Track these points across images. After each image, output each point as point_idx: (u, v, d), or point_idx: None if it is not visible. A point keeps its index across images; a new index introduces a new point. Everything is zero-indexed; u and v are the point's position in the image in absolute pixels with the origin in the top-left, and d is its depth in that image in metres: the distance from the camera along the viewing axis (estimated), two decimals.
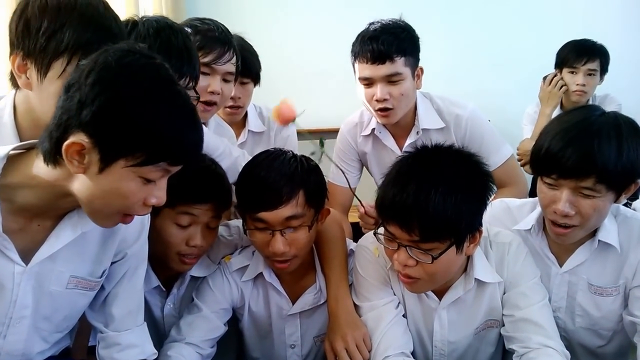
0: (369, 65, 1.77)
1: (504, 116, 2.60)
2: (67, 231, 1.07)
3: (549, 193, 1.30)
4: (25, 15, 1.07)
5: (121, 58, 0.92)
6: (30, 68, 1.08)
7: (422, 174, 1.19)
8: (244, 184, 1.41)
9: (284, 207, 1.33)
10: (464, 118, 1.89)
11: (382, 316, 1.37)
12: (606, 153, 1.20)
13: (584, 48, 2.61)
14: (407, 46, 1.78)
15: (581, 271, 1.41)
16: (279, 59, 2.37)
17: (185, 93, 0.98)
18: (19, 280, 1.06)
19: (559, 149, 1.24)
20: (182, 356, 1.38)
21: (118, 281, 1.24)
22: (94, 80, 0.89)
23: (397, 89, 1.79)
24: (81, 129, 0.90)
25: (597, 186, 1.23)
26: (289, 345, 1.55)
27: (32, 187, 0.99)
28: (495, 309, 1.38)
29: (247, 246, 1.55)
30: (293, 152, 1.45)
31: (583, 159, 1.21)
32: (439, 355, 1.42)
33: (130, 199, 0.97)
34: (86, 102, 0.89)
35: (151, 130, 0.91)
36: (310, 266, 1.51)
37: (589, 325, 1.44)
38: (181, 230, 1.38)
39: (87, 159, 0.92)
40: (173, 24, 1.34)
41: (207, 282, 1.51)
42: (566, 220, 1.29)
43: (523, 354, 1.28)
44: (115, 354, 1.25)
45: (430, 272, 1.23)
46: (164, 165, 0.95)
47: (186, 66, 1.30)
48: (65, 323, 1.22)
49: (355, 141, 2.05)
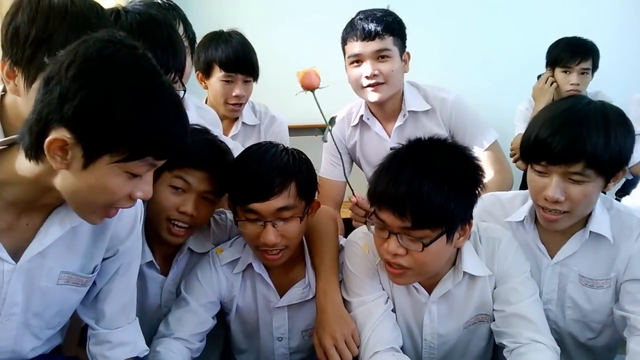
0: (359, 42, 1.84)
1: (494, 113, 2.60)
2: (56, 227, 1.05)
3: (539, 180, 1.31)
4: (15, 22, 1.04)
5: (102, 49, 0.88)
6: (18, 75, 1.05)
7: (416, 163, 1.21)
8: (235, 176, 1.40)
9: (275, 198, 1.33)
10: (449, 101, 1.93)
11: (371, 311, 1.37)
12: (594, 138, 1.22)
13: (577, 47, 2.62)
14: (395, 27, 1.86)
15: (572, 263, 1.42)
16: (270, 55, 2.38)
17: (169, 84, 0.96)
18: (9, 278, 1.04)
19: (547, 136, 1.26)
20: (171, 351, 1.37)
21: (110, 278, 1.23)
22: (74, 74, 0.86)
23: (385, 66, 1.84)
24: (63, 125, 0.86)
25: (586, 171, 1.24)
26: (277, 338, 1.54)
27: (16, 184, 0.97)
28: (486, 304, 1.38)
29: (237, 237, 1.54)
30: (284, 145, 1.45)
31: (571, 144, 1.23)
32: (428, 348, 1.42)
33: (116, 194, 0.95)
34: (67, 97, 0.85)
35: (135, 125, 0.88)
36: (300, 260, 1.51)
37: (579, 318, 1.45)
38: (175, 195, 1.38)
39: (70, 154, 0.89)
40: (157, 16, 1.32)
41: (196, 275, 1.49)
42: (556, 206, 1.30)
43: (513, 349, 1.29)
44: (106, 352, 1.24)
45: (420, 261, 1.23)
46: (150, 160, 0.93)
47: (172, 60, 1.28)
48: (57, 319, 1.20)
49: (343, 134, 2.08)
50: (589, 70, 2.62)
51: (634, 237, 1.37)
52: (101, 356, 1.24)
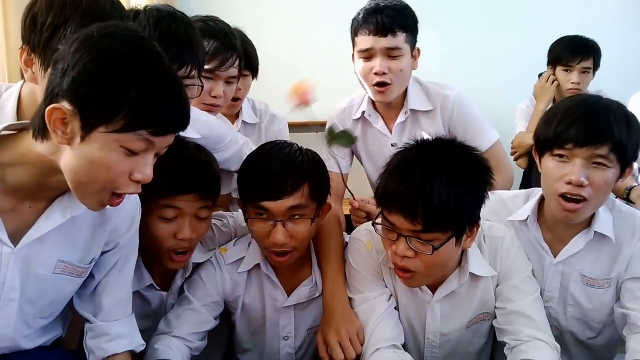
0: (371, 37, 1.78)
1: (495, 111, 2.59)
2: (57, 214, 1.06)
3: (560, 166, 1.30)
4: (34, 10, 1.08)
5: (104, 29, 0.93)
6: (36, 63, 1.09)
7: (426, 165, 1.20)
8: (248, 172, 1.40)
9: (288, 197, 1.33)
10: (451, 98, 1.90)
11: (374, 309, 1.37)
12: (620, 125, 1.26)
13: (579, 46, 2.61)
14: (409, 23, 1.81)
15: (575, 262, 1.43)
16: (272, 53, 2.37)
17: (169, 66, 0.97)
18: (7, 262, 1.05)
19: (572, 121, 1.28)
20: (169, 349, 1.37)
21: (109, 271, 1.24)
22: (76, 49, 0.91)
23: (396, 64, 1.79)
24: (63, 97, 0.90)
25: (610, 155, 1.26)
26: (283, 337, 1.54)
27: (23, 165, 0.99)
28: (488, 302, 1.39)
29: (242, 237, 1.54)
30: (299, 145, 1.44)
31: (601, 126, 1.26)
32: (431, 347, 1.43)
33: (114, 171, 0.95)
34: (67, 70, 0.90)
35: (130, 95, 0.90)
36: (307, 259, 1.50)
37: (580, 316, 1.46)
38: (168, 223, 1.34)
39: (70, 128, 0.91)
40: (175, 13, 1.33)
41: (199, 275, 1.49)
42: (579, 191, 1.28)
43: (514, 347, 1.29)
44: (104, 344, 1.24)
45: (429, 264, 1.23)
46: (145, 135, 0.93)
47: (187, 54, 1.28)
48: (50, 309, 1.20)
49: (344, 127, 2.04)
50: (590, 69, 2.61)
51: (636, 237, 1.38)
52: (99, 349, 1.24)
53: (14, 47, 1.96)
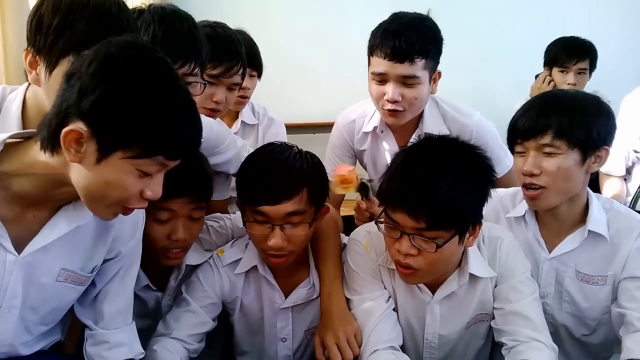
0: (386, 62, 1.63)
1: (492, 112, 2.59)
2: (62, 223, 1.06)
3: (519, 161, 1.41)
4: (40, 12, 1.08)
5: (123, 49, 0.92)
6: (40, 65, 1.09)
7: (430, 163, 1.21)
8: (247, 176, 1.39)
9: (286, 202, 1.32)
10: (469, 128, 1.81)
11: (372, 310, 1.37)
12: (560, 112, 1.34)
13: (575, 48, 2.63)
14: (430, 48, 1.65)
15: (569, 258, 1.45)
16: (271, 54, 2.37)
17: (186, 88, 0.98)
18: (11, 269, 1.05)
19: (519, 117, 1.40)
20: (167, 350, 1.37)
21: (110, 279, 1.24)
22: (94, 70, 0.89)
23: (410, 92, 1.66)
24: (80, 118, 0.90)
25: (555, 142, 1.34)
26: (280, 339, 1.54)
27: (29, 175, 0.99)
28: (487, 303, 1.39)
29: (239, 238, 1.54)
30: (298, 148, 1.43)
31: (539, 117, 1.36)
32: (429, 348, 1.43)
33: (128, 191, 0.97)
34: (86, 92, 0.89)
35: (150, 123, 0.91)
36: (304, 261, 1.50)
37: (575, 312, 1.48)
38: (162, 225, 1.36)
39: (85, 148, 0.91)
40: (180, 11, 1.33)
41: (197, 276, 1.49)
42: (533, 180, 1.37)
43: (512, 347, 1.29)
44: (104, 352, 1.24)
45: (431, 262, 1.23)
46: (161, 159, 0.96)
47: (191, 52, 1.29)
48: (51, 316, 1.20)
49: (352, 138, 1.97)
50: (586, 70, 2.63)
51: (633, 237, 1.39)
52: (98, 356, 1.24)
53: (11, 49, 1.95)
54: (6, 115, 1.17)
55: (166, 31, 1.26)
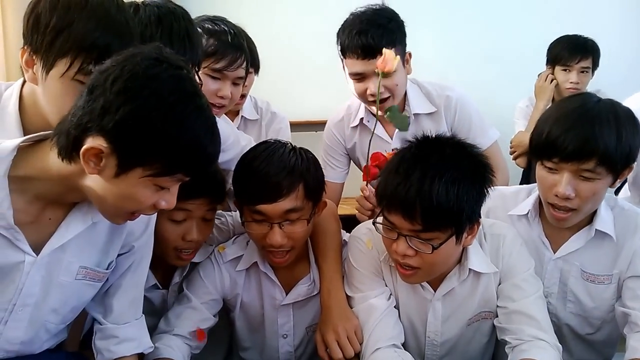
0: (360, 61, 1.71)
1: (494, 110, 2.60)
2: (78, 221, 1.08)
3: (550, 177, 1.32)
4: (37, 10, 1.06)
5: (149, 68, 0.92)
6: (37, 64, 1.07)
7: (425, 163, 1.20)
8: (243, 175, 1.39)
9: (283, 200, 1.33)
10: (453, 99, 1.88)
11: (373, 308, 1.37)
12: (606, 137, 1.24)
13: (577, 46, 2.61)
14: (396, 36, 1.73)
15: (574, 258, 1.43)
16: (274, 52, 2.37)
17: (207, 106, 0.98)
18: (29, 270, 1.06)
19: (559, 134, 1.27)
20: (170, 347, 1.37)
21: (122, 273, 1.24)
22: (119, 89, 0.89)
23: (390, 81, 1.72)
24: (101, 134, 0.90)
25: (597, 169, 1.26)
26: (281, 335, 1.54)
27: (43, 180, 1.00)
28: (490, 300, 1.38)
29: (240, 235, 1.54)
30: (292, 145, 1.44)
31: (584, 142, 1.24)
32: (431, 345, 1.42)
33: (143, 204, 0.99)
34: (110, 109, 0.89)
35: (172, 144, 0.92)
36: (304, 257, 1.50)
37: (580, 312, 1.46)
38: (176, 225, 1.38)
39: (104, 162, 0.93)
40: (175, 9, 1.32)
41: (198, 272, 1.49)
42: (566, 203, 1.31)
43: (515, 346, 1.29)
44: (112, 347, 1.25)
45: (430, 262, 1.23)
46: (180, 176, 0.98)
47: (189, 53, 1.28)
48: (71, 314, 1.22)
49: (342, 136, 2.02)
50: (589, 68, 2.62)
51: (637, 235, 1.38)
52: (107, 350, 1.25)
53: (12, 46, 1.95)
54: (3, 114, 1.16)
55: (164, 32, 1.24)
